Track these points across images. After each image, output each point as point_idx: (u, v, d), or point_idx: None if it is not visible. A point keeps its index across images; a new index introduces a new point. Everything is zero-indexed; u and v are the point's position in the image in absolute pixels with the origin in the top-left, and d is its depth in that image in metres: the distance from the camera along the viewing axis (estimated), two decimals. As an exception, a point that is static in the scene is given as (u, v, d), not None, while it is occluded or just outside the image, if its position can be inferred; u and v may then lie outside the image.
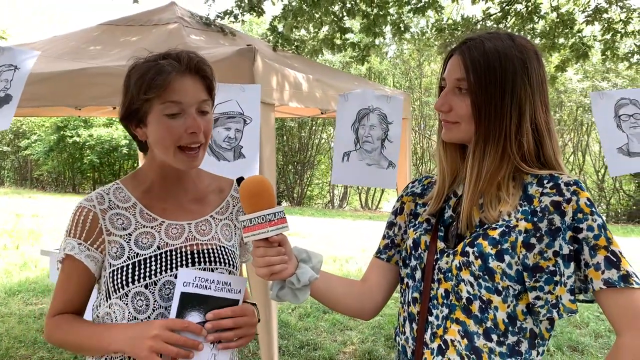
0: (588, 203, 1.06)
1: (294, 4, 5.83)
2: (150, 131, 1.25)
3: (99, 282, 1.31)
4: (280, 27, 5.77)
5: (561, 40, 6.50)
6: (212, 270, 1.31)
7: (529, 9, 6.22)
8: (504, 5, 6.49)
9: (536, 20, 6.40)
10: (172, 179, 1.34)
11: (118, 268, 1.24)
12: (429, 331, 1.17)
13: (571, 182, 1.08)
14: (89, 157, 17.37)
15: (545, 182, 1.11)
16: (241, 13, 5.76)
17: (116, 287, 1.24)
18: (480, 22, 6.53)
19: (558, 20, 6.36)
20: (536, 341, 1.11)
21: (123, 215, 1.28)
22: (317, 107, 3.80)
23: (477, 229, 1.14)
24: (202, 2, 6.05)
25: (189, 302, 1.19)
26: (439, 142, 1.27)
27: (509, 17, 6.45)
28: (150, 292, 1.24)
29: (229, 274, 1.35)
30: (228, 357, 1.23)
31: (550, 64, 8.20)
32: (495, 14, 6.54)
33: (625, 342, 1.02)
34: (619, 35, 6.15)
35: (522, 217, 1.09)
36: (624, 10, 6.10)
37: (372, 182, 2.06)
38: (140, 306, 1.23)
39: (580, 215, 1.06)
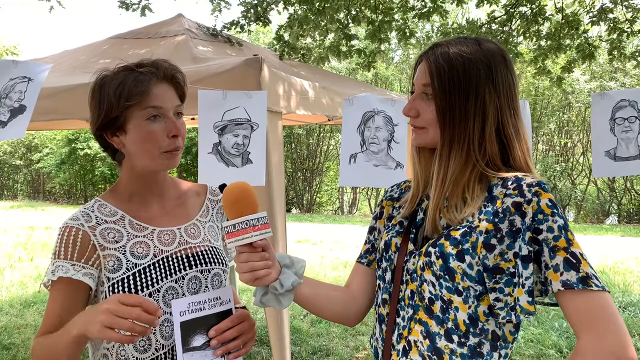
0: (549, 204, 1.05)
1: (299, 12, 5.89)
2: (131, 138, 1.28)
3: (94, 300, 1.29)
4: (286, 36, 5.83)
5: (567, 42, 6.49)
6: (209, 271, 1.35)
7: (534, 11, 6.22)
8: (508, 8, 6.50)
9: (541, 22, 6.40)
10: (153, 186, 1.37)
11: (118, 280, 1.25)
12: (396, 332, 1.18)
13: (534, 184, 1.07)
14: (100, 169, 17.55)
15: (509, 183, 1.10)
16: (247, 23, 5.81)
17: None
18: (485, 25, 6.55)
19: (563, 21, 6.35)
20: (498, 343, 1.10)
21: (113, 228, 1.29)
22: (324, 114, 3.84)
23: (444, 230, 1.14)
24: (209, 14, 6.12)
25: (190, 328, 1.19)
26: (412, 147, 1.28)
27: (514, 19, 6.46)
28: (154, 299, 1.25)
29: (222, 272, 1.39)
30: None
31: (556, 65, 8.18)
32: (500, 16, 6.55)
33: (584, 345, 0.99)
34: (625, 35, 6.13)
35: (484, 217, 1.09)
36: (630, 9, 6.09)
37: (380, 182, 2.07)
38: None
39: (540, 216, 1.04)
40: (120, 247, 1.27)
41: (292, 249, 7.46)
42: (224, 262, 1.41)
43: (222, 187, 1.25)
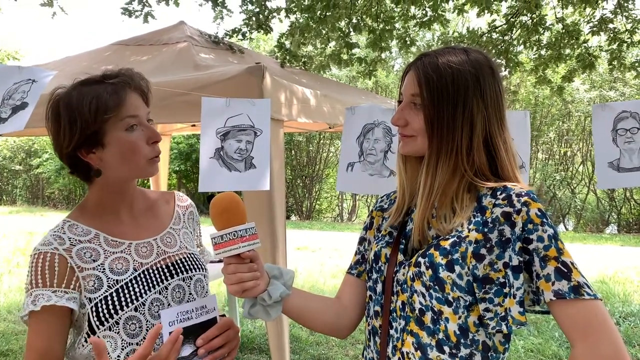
0: (539, 214, 1.05)
1: (301, 20, 5.91)
2: (110, 151, 1.25)
3: (75, 324, 1.24)
4: (287, 44, 5.85)
5: (567, 51, 6.52)
6: (191, 278, 1.34)
7: (534, 20, 6.26)
8: (509, 18, 6.53)
9: (542, 32, 6.43)
10: (124, 198, 1.35)
11: (101, 299, 1.21)
12: (390, 344, 1.17)
13: (522, 193, 1.08)
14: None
15: (498, 193, 1.11)
16: (249, 31, 5.84)
17: (103, 318, 1.20)
18: (486, 35, 6.58)
19: (563, 31, 6.38)
20: (489, 354, 1.09)
21: (89, 247, 1.25)
22: (325, 121, 3.85)
23: (434, 240, 1.14)
24: (211, 21, 6.15)
25: None
26: (398, 156, 1.28)
27: (515, 29, 6.49)
28: (141, 313, 1.23)
29: (204, 277, 1.39)
30: None
31: (556, 75, 8.21)
32: (501, 26, 6.58)
33: (579, 353, 1.00)
34: (625, 45, 6.16)
35: (473, 227, 1.09)
36: (630, 20, 6.12)
37: (374, 190, 2.14)
38: (134, 330, 1.23)
39: (530, 226, 1.05)
40: (99, 265, 1.24)
41: (291, 256, 7.44)
42: (203, 267, 1.41)
43: (210, 197, 1.25)
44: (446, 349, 1.09)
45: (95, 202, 1.33)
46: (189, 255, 1.38)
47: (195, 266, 1.38)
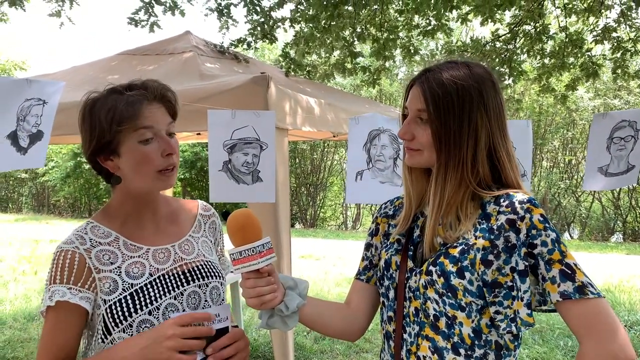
0: (541, 219, 1.10)
1: (305, 30, 5.96)
2: (125, 160, 1.28)
3: (89, 324, 1.28)
4: (292, 53, 5.89)
5: (571, 60, 6.54)
6: (207, 285, 1.35)
7: (538, 29, 6.29)
8: (512, 27, 6.56)
9: (545, 41, 6.46)
10: (147, 206, 1.37)
11: (115, 301, 1.24)
12: (404, 348, 1.22)
13: (525, 200, 1.12)
14: (104, 183, 17.55)
15: (501, 200, 1.15)
16: (254, 41, 5.88)
17: (118, 320, 1.23)
18: (490, 44, 6.61)
19: (567, 40, 6.41)
20: (502, 352, 1.15)
21: (108, 250, 1.29)
22: (329, 130, 3.87)
23: (442, 248, 1.19)
24: (216, 31, 6.21)
25: None
26: (403, 166, 1.32)
27: (518, 38, 6.51)
28: (154, 317, 1.25)
29: (220, 285, 1.40)
30: None
31: (560, 83, 8.22)
32: (505, 35, 6.61)
33: (586, 350, 1.06)
34: (629, 54, 6.18)
35: (480, 235, 1.14)
36: (633, 29, 6.14)
37: (387, 199, 2.12)
38: None
39: (534, 232, 1.10)
40: (115, 268, 1.27)
41: (295, 265, 7.44)
42: (220, 275, 1.42)
43: (225, 214, 1.27)
44: (462, 351, 1.14)
45: (118, 206, 1.36)
46: (206, 263, 1.40)
47: (212, 274, 1.39)
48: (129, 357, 1.15)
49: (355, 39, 6.15)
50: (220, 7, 5.96)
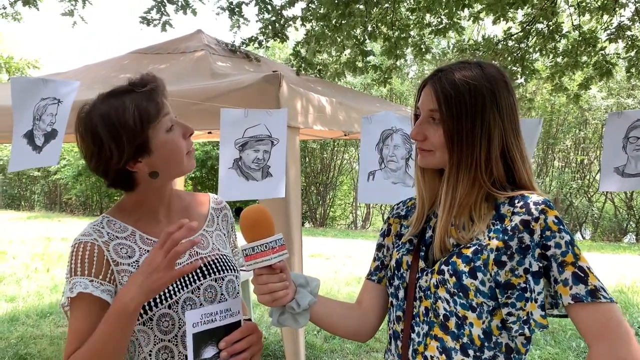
0: (556, 221, 1.09)
1: (316, 29, 5.95)
2: (157, 155, 1.27)
3: None
4: (303, 52, 5.89)
5: (584, 59, 6.48)
6: (222, 279, 1.36)
7: (551, 28, 6.23)
8: (525, 25, 6.51)
9: (558, 39, 6.40)
10: (162, 199, 1.37)
11: None
12: (411, 348, 1.21)
13: (540, 202, 1.12)
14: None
15: (516, 201, 1.15)
16: (265, 39, 5.89)
17: (138, 313, 1.22)
18: (502, 42, 6.56)
19: (580, 38, 6.34)
20: (512, 355, 1.14)
21: (125, 244, 1.29)
22: (341, 129, 3.86)
23: (454, 249, 1.18)
24: (228, 30, 6.22)
25: (202, 340, 1.21)
26: (416, 167, 1.32)
27: (531, 36, 6.46)
28: (174, 311, 1.26)
29: (235, 278, 1.41)
30: None
31: (573, 82, 8.14)
32: (517, 33, 6.56)
33: (595, 354, 1.05)
34: (643, 52, 6.10)
35: (494, 235, 1.13)
36: (648, 27, 6.07)
37: (399, 200, 2.11)
38: (166, 327, 1.26)
39: (548, 233, 1.09)
40: (134, 262, 1.27)
41: (305, 264, 7.45)
42: (235, 268, 1.43)
43: (238, 210, 1.27)
44: (470, 352, 1.13)
45: (134, 203, 1.36)
46: (221, 257, 1.41)
47: (227, 267, 1.40)
48: (136, 297, 1.12)
49: (367, 37, 6.14)
50: (232, 6, 5.97)
